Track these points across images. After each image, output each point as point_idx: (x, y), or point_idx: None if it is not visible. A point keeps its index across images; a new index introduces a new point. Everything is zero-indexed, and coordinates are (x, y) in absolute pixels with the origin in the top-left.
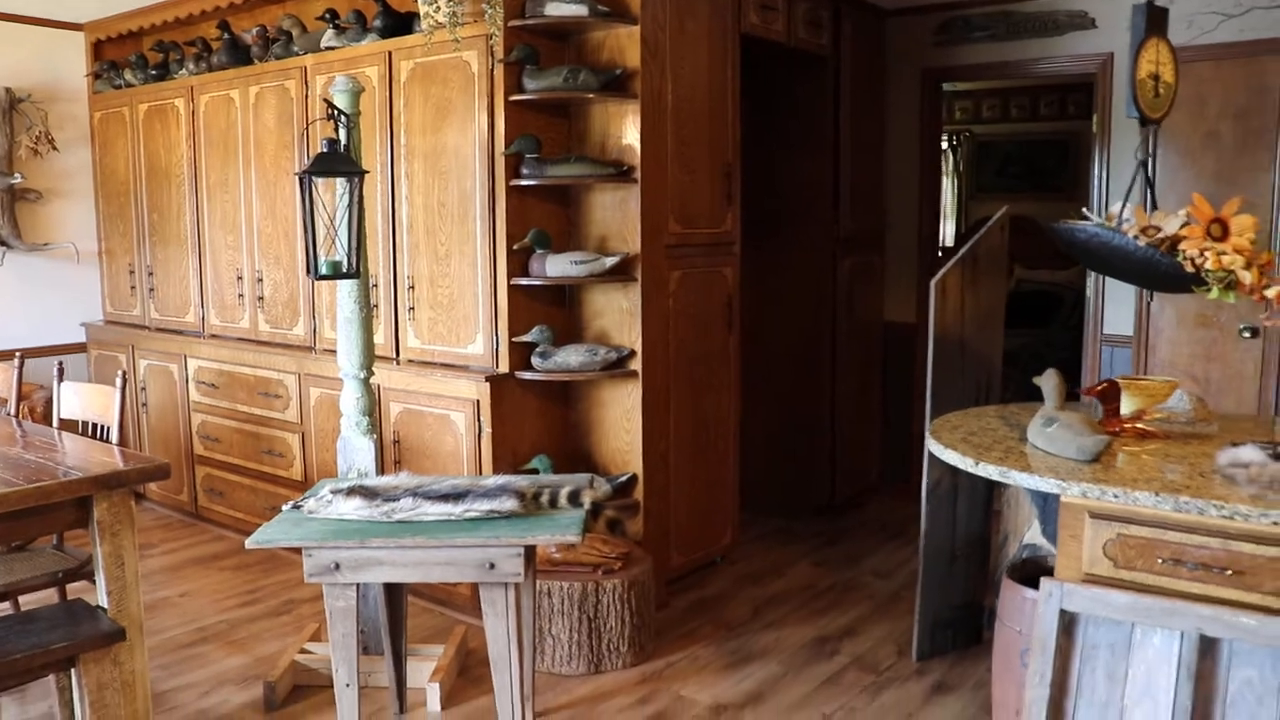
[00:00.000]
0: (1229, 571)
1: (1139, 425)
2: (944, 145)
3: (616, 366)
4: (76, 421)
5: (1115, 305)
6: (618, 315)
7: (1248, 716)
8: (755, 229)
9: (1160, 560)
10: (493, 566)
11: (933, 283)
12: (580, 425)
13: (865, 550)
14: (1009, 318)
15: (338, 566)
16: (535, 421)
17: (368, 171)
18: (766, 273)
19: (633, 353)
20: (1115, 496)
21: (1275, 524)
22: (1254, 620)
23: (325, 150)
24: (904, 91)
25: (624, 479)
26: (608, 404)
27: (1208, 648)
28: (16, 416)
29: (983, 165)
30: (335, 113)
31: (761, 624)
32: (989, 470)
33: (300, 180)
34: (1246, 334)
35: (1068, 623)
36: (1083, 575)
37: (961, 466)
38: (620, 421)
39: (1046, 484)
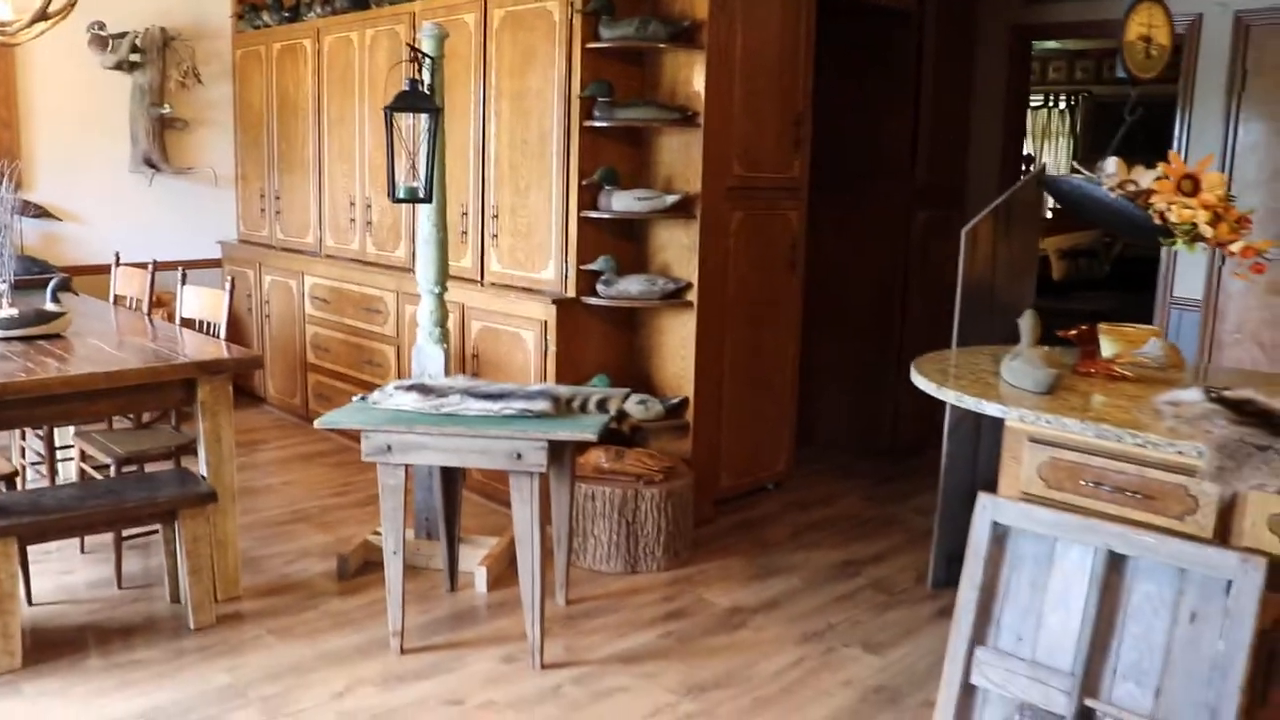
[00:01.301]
0: (1140, 496)
1: (1113, 368)
2: (1062, 105)
3: (674, 297)
4: (195, 320)
5: (1186, 269)
6: (679, 250)
7: (1145, 625)
8: (833, 179)
9: (1084, 483)
10: (520, 456)
11: (964, 231)
12: (642, 350)
13: (915, 490)
14: (1112, 281)
15: (389, 448)
16: (599, 344)
17: (441, 109)
18: (843, 222)
19: (690, 285)
20: (1048, 422)
21: (1181, 454)
22: (1154, 539)
23: (407, 89)
24: (992, 49)
25: (675, 401)
26: (666, 331)
27: (1116, 563)
28: (149, 315)
29: (1100, 126)
30: (419, 54)
31: (796, 545)
32: (947, 394)
33: (385, 113)
34: None
35: (1000, 535)
36: (1020, 494)
37: (927, 390)
38: (678, 348)
39: (993, 408)
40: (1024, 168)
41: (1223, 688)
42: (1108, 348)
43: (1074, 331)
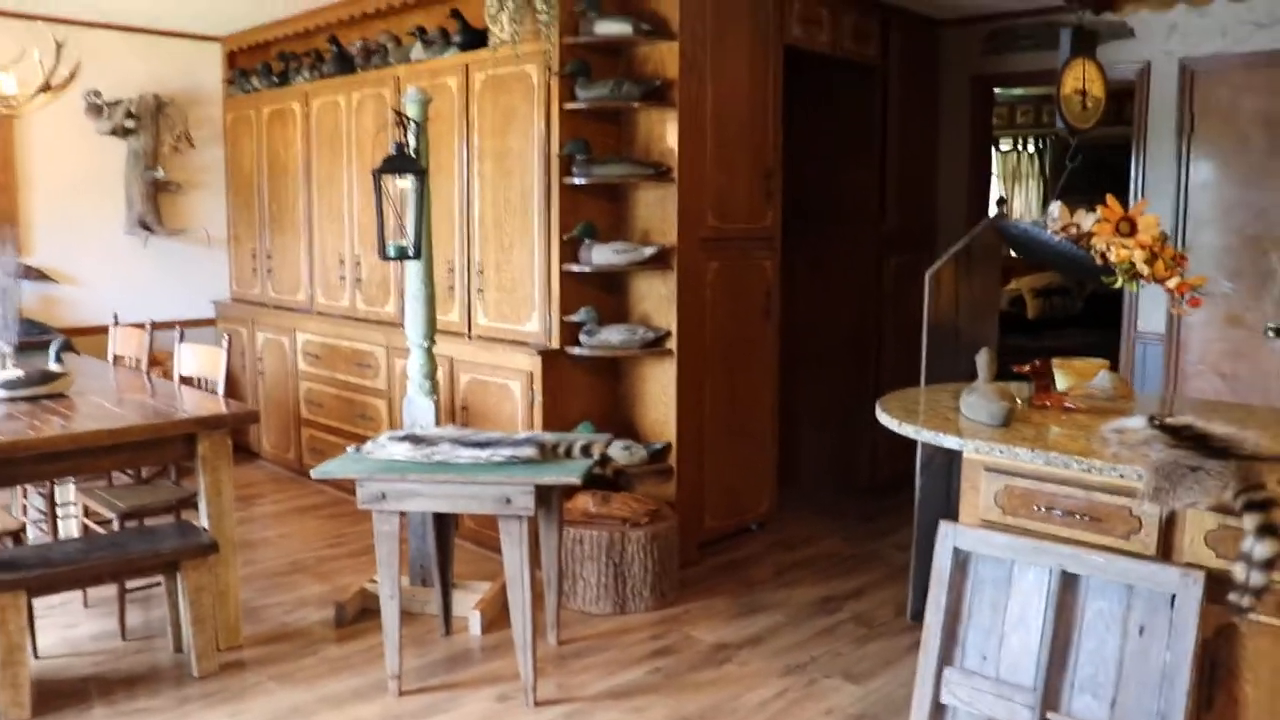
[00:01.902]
0: (1089, 518)
1: (1065, 401)
2: (1031, 149)
3: (654, 345)
4: (193, 378)
5: (1150, 303)
6: (658, 300)
7: (1098, 641)
8: (805, 227)
9: (1037, 508)
10: (509, 501)
11: (928, 274)
12: (625, 398)
13: (894, 526)
14: (1086, 318)
15: (384, 496)
16: (584, 393)
17: (426, 171)
18: (816, 268)
19: (669, 333)
20: (1001, 452)
21: (1123, 477)
22: (1103, 559)
23: (394, 152)
24: (955, 97)
25: (659, 446)
26: (648, 379)
27: (1069, 582)
28: (148, 373)
29: (1065, 167)
30: (404, 119)
31: (779, 583)
32: (907, 430)
33: (373, 176)
34: (1272, 334)
35: (962, 560)
36: (979, 521)
37: (889, 426)
38: (659, 395)
39: (950, 441)
40: (1000, 209)
41: (1171, 695)
42: (1061, 381)
43: (1028, 367)
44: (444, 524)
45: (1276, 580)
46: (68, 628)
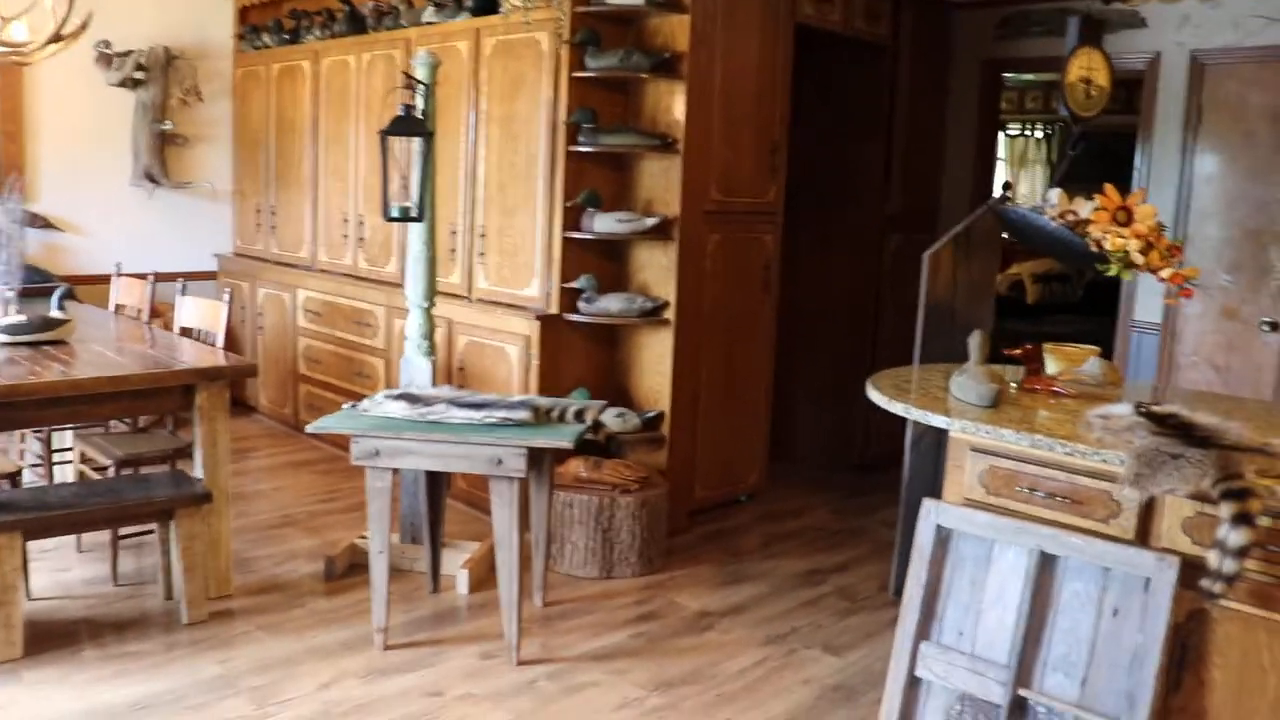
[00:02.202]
0: (1070, 500)
1: (1054, 385)
2: (1039, 134)
3: (653, 315)
4: (193, 330)
5: (1146, 294)
6: (658, 270)
7: (1073, 620)
8: (809, 203)
9: (1020, 489)
10: (500, 462)
11: (925, 255)
12: (621, 365)
13: (882, 503)
14: (1085, 305)
15: (378, 453)
16: (580, 359)
17: (433, 133)
18: (818, 244)
19: (668, 303)
20: (987, 433)
21: (1105, 462)
22: (1081, 541)
23: (401, 113)
24: (964, 81)
25: (652, 415)
26: (645, 348)
27: (1048, 563)
28: (148, 324)
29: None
30: (413, 81)
31: (765, 554)
32: (896, 407)
33: (380, 137)
34: (1266, 328)
35: (944, 537)
36: (962, 499)
37: (879, 403)
38: (655, 364)
39: (938, 420)
40: (1006, 193)
41: (1141, 676)
42: (1051, 366)
43: (1019, 350)
44: (436, 483)
45: (1249, 568)
46: (61, 571)
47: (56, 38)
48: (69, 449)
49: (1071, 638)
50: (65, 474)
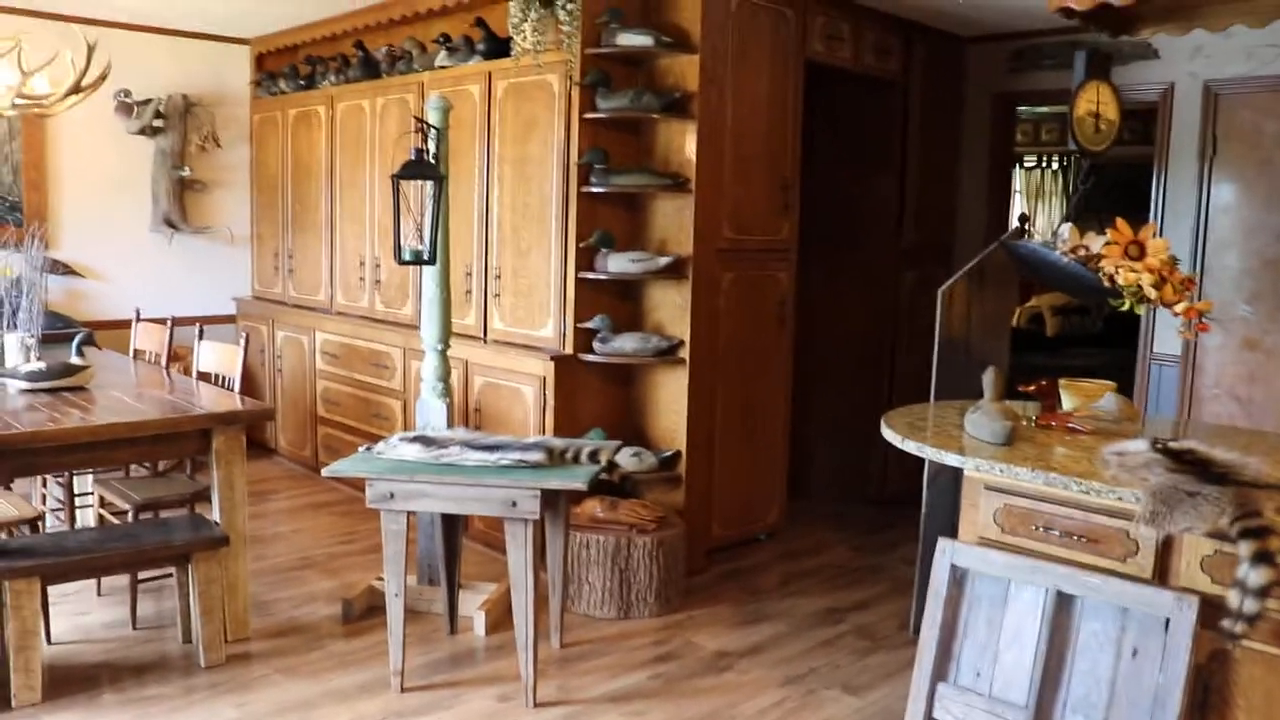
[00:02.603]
0: (1086, 539)
1: (1070, 421)
2: (1055, 166)
3: (668, 354)
4: (211, 374)
5: (1165, 326)
6: (672, 309)
7: (1091, 661)
8: (823, 239)
9: (1035, 528)
10: (515, 504)
11: (940, 291)
12: (637, 405)
13: (901, 539)
14: (1101, 338)
15: (392, 496)
16: (596, 399)
17: (445, 177)
18: (832, 280)
19: (682, 342)
20: (1001, 471)
21: (1121, 500)
22: (1099, 580)
23: (413, 158)
24: (977, 115)
25: (669, 454)
26: (660, 387)
27: (1065, 602)
28: (167, 369)
29: (1093, 186)
30: (425, 126)
31: (784, 593)
32: (910, 446)
33: (392, 181)
34: None
35: (959, 577)
36: (978, 538)
37: (894, 442)
38: (671, 404)
39: (952, 459)
40: (1022, 226)
41: (1162, 718)
42: (1067, 401)
43: (1034, 386)
44: (452, 525)
45: (1270, 608)
46: (80, 615)
47: (76, 89)
48: (89, 493)
49: (1091, 679)
50: (86, 518)
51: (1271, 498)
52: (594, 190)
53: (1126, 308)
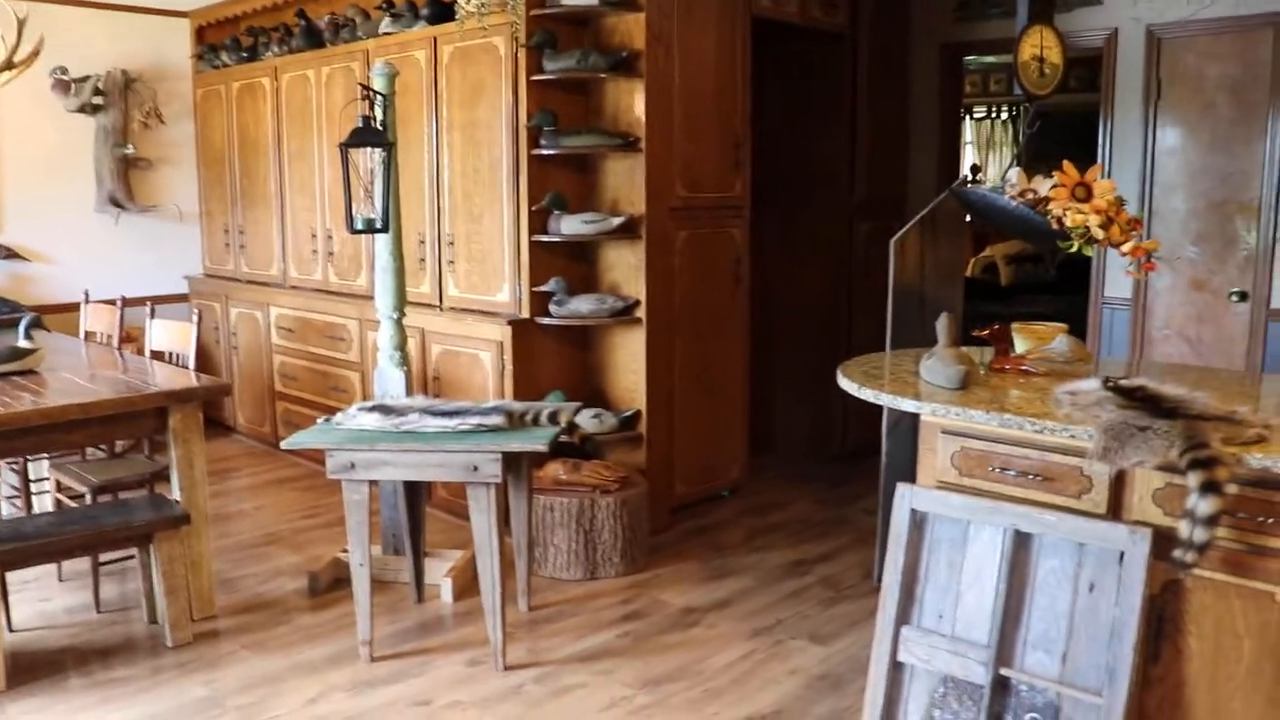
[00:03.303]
0: (1042, 478)
1: (1023, 364)
2: (1004, 116)
3: (624, 314)
4: (164, 353)
5: (1115, 270)
6: (627, 269)
7: (1050, 598)
8: (775, 195)
9: (991, 469)
10: (476, 469)
11: (892, 241)
12: (595, 366)
13: (864, 491)
14: (1058, 285)
15: (353, 466)
16: (554, 361)
17: (393, 143)
18: (786, 235)
19: (638, 302)
20: (957, 414)
21: (1074, 438)
22: (1054, 517)
23: (360, 125)
24: (925, 65)
25: (628, 414)
26: (618, 348)
27: (1023, 541)
28: (120, 349)
29: (1041, 134)
30: (371, 93)
31: (749, 548)
32: (867, 394)
33: (340, 149)
34: (1235, 299)
35: (919, 520)
36: (936, 482)
37: (849, 391)
38: (628, 364)
39: (908, 404)
40: (973, 177)
41: (1119, 649)
42: (1020, 345)
43: (987, 331)
44: (415, 493)
45: (1219, 536)
46: (42, 601)
47: (9, 65)
48: (46, 479)
49: (1050, 615)
50: (44, 504)
51: (1218, 429)
52: (544, 153)
53: (1075, 249)
